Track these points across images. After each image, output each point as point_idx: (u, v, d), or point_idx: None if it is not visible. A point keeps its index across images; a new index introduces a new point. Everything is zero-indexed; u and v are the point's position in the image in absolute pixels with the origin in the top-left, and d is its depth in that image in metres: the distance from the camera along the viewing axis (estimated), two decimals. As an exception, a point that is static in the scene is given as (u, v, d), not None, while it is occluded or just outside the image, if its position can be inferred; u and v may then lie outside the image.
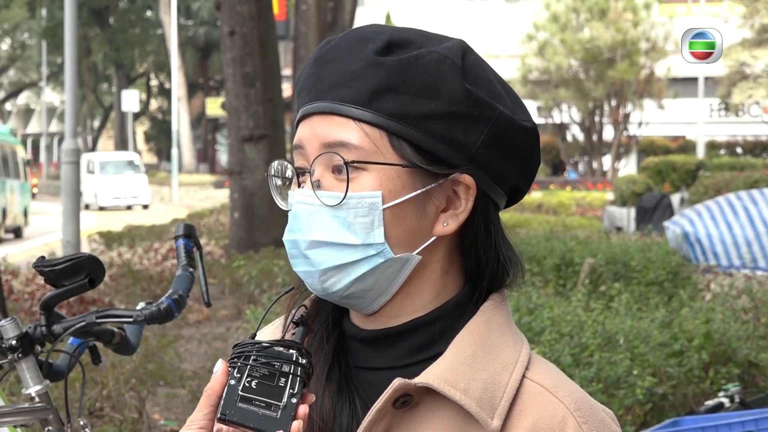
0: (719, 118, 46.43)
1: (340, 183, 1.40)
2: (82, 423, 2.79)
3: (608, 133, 38.62)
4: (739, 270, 11.53)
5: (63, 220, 14.22)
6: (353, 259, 1.39)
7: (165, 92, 63.61)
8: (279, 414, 1.31)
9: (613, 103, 37.90)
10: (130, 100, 48.19)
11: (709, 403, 4.86)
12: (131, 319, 2.79)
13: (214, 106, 56.00)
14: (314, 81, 1.43)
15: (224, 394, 1.32)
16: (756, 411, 4.42)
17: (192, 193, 43.61)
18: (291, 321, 1.43)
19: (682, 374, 5.86)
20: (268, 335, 1.56)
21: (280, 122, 14.77)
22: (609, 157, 38.85)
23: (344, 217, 1.39)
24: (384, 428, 1.40)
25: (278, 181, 1.48)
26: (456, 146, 1.40)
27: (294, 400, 1.32)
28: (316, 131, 1.42)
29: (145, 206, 39.12)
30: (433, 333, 1.44)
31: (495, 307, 1.46)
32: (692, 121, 41.67)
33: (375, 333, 1.45)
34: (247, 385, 1.32)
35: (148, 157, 67.53)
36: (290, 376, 1.33)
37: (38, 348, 2.76)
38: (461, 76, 1.40)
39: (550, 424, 1.39)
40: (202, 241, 15.34)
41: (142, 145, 68.55)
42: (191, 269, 2.93)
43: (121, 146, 56.14)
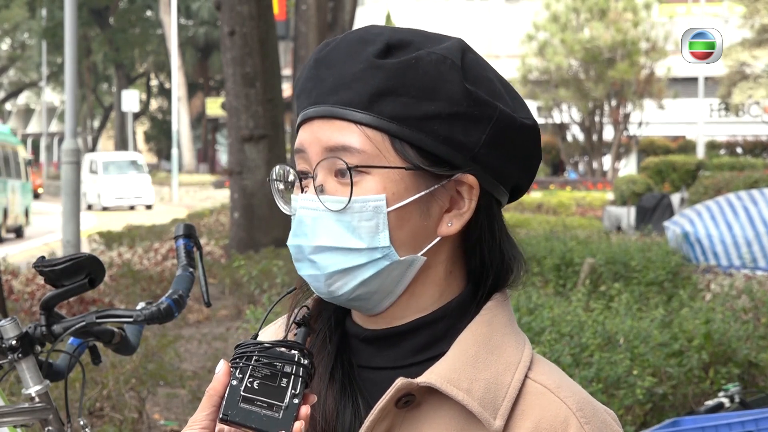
0: (719, 118, 46.43)
1: (344, 187, 1.39)
2: (82, 423, 2.79)
3: (608, 133, 38.62)
4: (739, 270, 11.53)
5: (63, 220, 14.22)
6: (359, 262, 1.39)
7: (165, 92, 63.61)
8: (281, 414, 1.31)
9: (613, 103, 37.90)
10: (130, 100, 48.16)
11: (709, 403, 4.86)
12: (131, 319, 2.79)
13: (214, 106, 55.99)
14: (314, 84, 1.43)
15: (226, 395, 1.32)
16: (756, 411, 4.42)
17: (192, 193, 43.61)
18: (293, 321, 1.43)
19: (682, 374, 5.86)
20: (271, 335, 1.56)
21: (280, 122, 14.77)
22: (609, 157, 38.85)
23: (349, 221, 1.39)
24: (386, 427, 1.40)
25: (280, 185, 1.48)
26: (458, 147, 1.40)
27: (296, 401, 1.32)
28: (317, 135, 1.41)
29: (149, 206, 38.74)
30: (435, 333, 1.44)
31: (497, 306, 1.46)
32: (692, 121, 41.67)
33: (378, 332, 1.45)
34: (249, 385, 1.32)
35: (148, 157, 67.45)
36: (292, 376, 1.33)
37: (38, 348, 2.75)
38: (461, 76, 1.40)
39: (552, 425, 1.39)
40: (202, 241, 15.34)
41: (142, 145, 68.53)
42: (191, 269, 2.93)
43: (121, 146, 56.13)
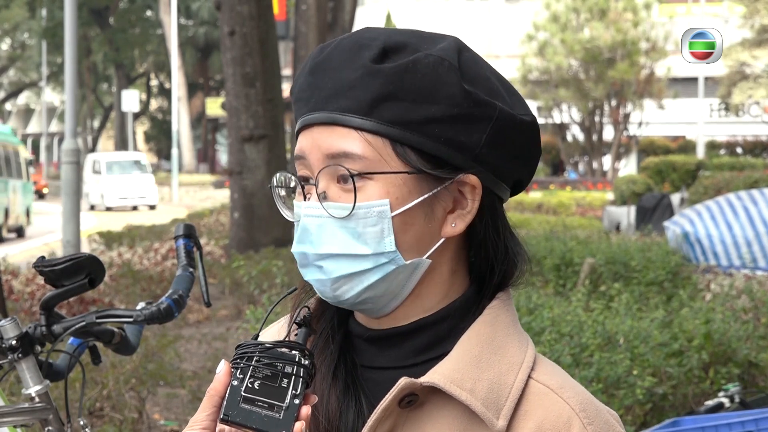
0: (719, 118, 46.45)
1: (347, 194, 1.39)
2: (82, 423, 2.79)
3: (608, 133, 38.64)
4: (739, 270, 11.53)
5: (63, 220, 14.22)
6: (365, 267, 1.39)
7: (165, 92, 63.62)
8: (282, 415, 1.31)
9: (613, 103, 37.92)
10: (130, 100, 48.15)
11: (709, 403, 4.86)
12: (131, 319, 2.78)
13: (214, 106, 55.99)
14: (311, 90, 1.42)
15: (227, 395, 1.32)
16: (756, 411, 4.42)
17: (192, 193, 43.63)
18: (294, 322, 1.43)
19: (682, 374, 5.86)
20: (272, 335, 1.56)
21: (280, 122, 14.77)
22: (609, 157, 38.87)
23: (354, 227, 1.38)
24: (389, 427, 1.41)
25: (282, 192, 1.47)
26: (459, 148, 1.40)
27: (297, 401, 1.32)
28: (318, 142, 1.41)
29: (152, 207, 38.40)
30: (439, 333, 1.44)
31: (501, 306, 1.46)
32: (692, 121, 41.69)
33: (381, 332, 1.45)
34: (250, 385, 1.32)
35: (148, 157, 67.49)
36: (293, 377, 1.33)
37: (38, 348, 2.75)
38: (459, 77, 1.39)
39: (555, 425, 1.39)
40: (202, 241, 15.34)
41: (142, 145, 68.52)
42: (191, 269, 2.92)
43: (121, 146, 56.14)
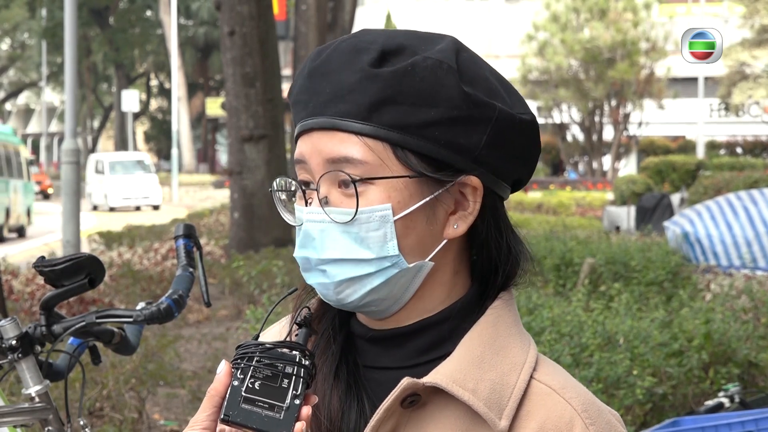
0: (719, 118, 46.46)
1: (349, 198, 1.39)
2: (82, 423, 2.79)
3: (608, 133, 38.64)
4: (739, 270, 11.53)
5: (63, 220, 14.21)
6: (368, 271, 1.39)
7: (165, 92, 63.63)
8: (282, 415, 1.31)
9: (613, 103, 37.92)
10: (130, 100, 48.12)
11: (709, 403, 4.86)
12: (131, 319, 2.78)
13: (214, 106, 56.01)
14: (310, 95, 1.42)
15: (227, 395, 1.32)
16: (756, 411, 4.42)
17: (192, 193, 43.63)
18: (295, 322, 1.43)
19: (682, 374, 5.86)
20: (273, 335, 1.56)
21: (280, 122, 14.76)
22: (609, 157, 38.87)
23: (356, 232, 1.38)
24: (391, 427, 1.41)
25: (283, 195, 1.47)
26: (460, 150, 1.40)
27: (297, 402, 1.32)
28: (318, 147, 1.40)
29: (156, 207, 37.95)
30: (441, 333, 1.44)
31: (503, 307, 1.46)
32: (692, 121, 41.69)
33: (383, 333, 1.45)
34: (251, 386, 1.32)
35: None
36: (293, 377, 1.33)
37: (38, 348, 2.75)
38: (458, 79, 1.39)
39: (557, 425, 1.39)
40: (202, 241, 15.34)
41: (142, 145, 68.53)
42: (191, 269, 2.92)
43: (121, 146, 56.13)
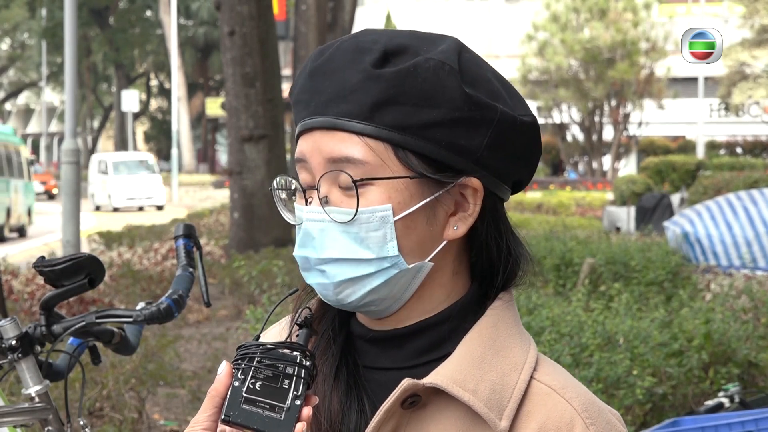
0: (719, 118, 46.46)
1: (349, 198, 1.39)
2: (82, 423, 2.79)
3: (608, 133, 38.65)
4: (739, 270, 11.53)
5: (63, 220, 14.21)
6: (368, 272, 1.39)
7: (165, 92, 63.63)
8: (283, 416, 1.31)
9: (613, 103, 37.92)
10: (130, 100, 48.10)
11: (709, 403, 4.86)
12: (131, 319, 2.78)
13: (214, 106, 56.00)
14: (311, 94, 1.42)
15: (228, 396, 1.32)
16: (756, 411, 4.42)
17: (192, 193, 43.62)
18: (295, 323, 1.43)
19: (682, 374, 5.86)
20: (274, 336, 1.56)
21: (280, 122, 14.76)
22: (609, 157, 38.88)
23: (356, 232, 1.38)
24: (392, 428, 1.41)
25: (283, 194, 1.47)
26: (461, 152, 1.40)
27: (298, 402, 1.32)
28: (319, 146, 1.40)
29: (160, 207, 37.64)
30: (441, 334, 1.44)
31: (503, 307, 1.46)
32: (692, 121, 41.70)
33: (383, 334, 1.45)
34: (251, 386, 1.32)
35: (148, 157, 67.49)
36: (294, 378, 1.33)
37: (38, 348, 2.75)
38: (460, 80, 1.39)
39: (558, 425, 1.39)
40: (202, 241, 15.34)
41: (142, 145, 68.52)
42: (191, 269, 2.92)
43: (121, 146, 56.13)
